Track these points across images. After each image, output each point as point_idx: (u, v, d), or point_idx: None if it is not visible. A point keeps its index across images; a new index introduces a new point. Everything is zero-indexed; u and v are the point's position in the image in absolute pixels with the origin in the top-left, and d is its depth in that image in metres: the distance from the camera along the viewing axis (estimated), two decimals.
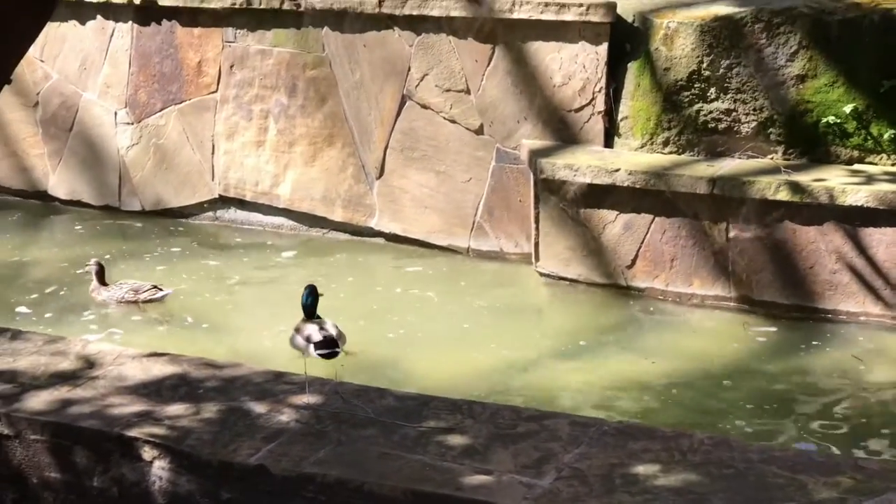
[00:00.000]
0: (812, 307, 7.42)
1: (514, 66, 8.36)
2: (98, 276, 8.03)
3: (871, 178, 7.34)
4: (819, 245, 7.35)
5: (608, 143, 8.18)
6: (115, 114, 9.74)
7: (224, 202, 9.54)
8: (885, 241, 7.21)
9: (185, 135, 9.54)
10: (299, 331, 6.95)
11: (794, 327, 7.32)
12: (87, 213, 9.87)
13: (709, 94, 7.84)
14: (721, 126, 7.85)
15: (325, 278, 8.36)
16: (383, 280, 8.34)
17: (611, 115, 8.16)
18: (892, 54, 7.52)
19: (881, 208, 7.14)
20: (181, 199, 9.64)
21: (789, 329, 7.32)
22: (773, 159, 7.73)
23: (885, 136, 7.56)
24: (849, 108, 7.57)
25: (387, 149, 8.86)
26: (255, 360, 6.90)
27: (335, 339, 6.82)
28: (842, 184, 7.26)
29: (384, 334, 7.43)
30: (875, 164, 7.59)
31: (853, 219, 7.24)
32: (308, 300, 6.98)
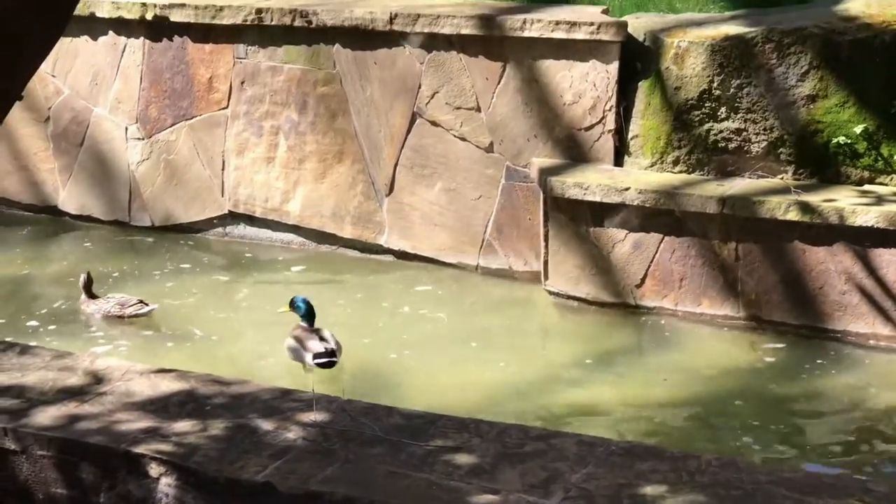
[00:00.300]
0: (821, 328, 7.40)
1: (524, 85, 8.37)
2: (86, 288, 8.04)
3: (881, 199, 7.33)
4: (829, 266, 7.34)
5: (618, 161, 8.17)
6: (126, 129, 9.76)
7: (234, 218, 9.54)
8: (894, 263, 7.19)
9: (196, 150, 9.55)
10: (298, 340, 7.02)
11: (804, 348, 7.30)
12: (96, 229, 9.88)
13: (719, 114, 7.83)
14: (731, 146, 7.85)
15: (334, 294, 8.37)
16: (392, 297, 8.34)
17: (621, 133, 8.16)
18: None
19: (891, 229, 7.12)
20: (191, 215, 9.65)
21: (798, 349, 7.29)
22: (783, 179, 7.72)
23: None
24: (859, 129, 7.56)
25: (397, 166, 8.87)
26: (262, 377, 6.91)
27: (334, 350, 6.92)
28: (852, 204, 7.24)
29: (392, 352, 7.42)
30: (885, 185, 7.57)
31: (863, 239, 7.23)
32: (305, 310, 7.09)
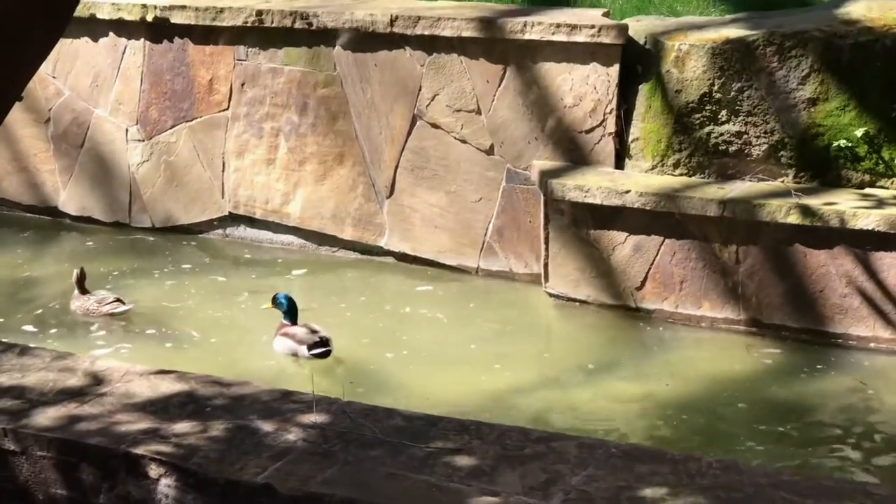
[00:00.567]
0: (822, 331, 7.40)
1: (525, 87, 8.36)
2: (79, 283, 8.06)
3: (881, 203, 7.33)
4: (829, 269, 7.33)
5: (619, 164, 8.17)
6: (127, 130, 9.76)
7: (234, 219, 9.54)
8: (895, 266, 7.18)
9: (196, 152, 9.55)
10: (288, 335, 7.18)
11: (804, 351, 7.30)
12: (97, 230, 9.88)
13: (720, 117, 7.83)
14: (732, 149, 7.84)
15: (334, 297, 8.37)
16: (392, 299, 8.34)
17: (621, 136, 8.16)
18: None
19: (892, 233, 7.12)
20: (191, 216, 9.65)
21: (799, 352, 7.29)
22: (783, 182, 7.72)
23: None
24: (860, 132, 7.56)
25: (397, 168, 8.87)
26: (262, 378, 6.91)
27: (327, 339, 7.20)
28: (852, 208, 7.24)
29: (392, 353, 7.42)
30: (886, 189, 7.57)
31: (864, 243, 7.22)
32: (287, 307, 7.40)
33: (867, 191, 7.55)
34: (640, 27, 8.24)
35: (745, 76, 7.74)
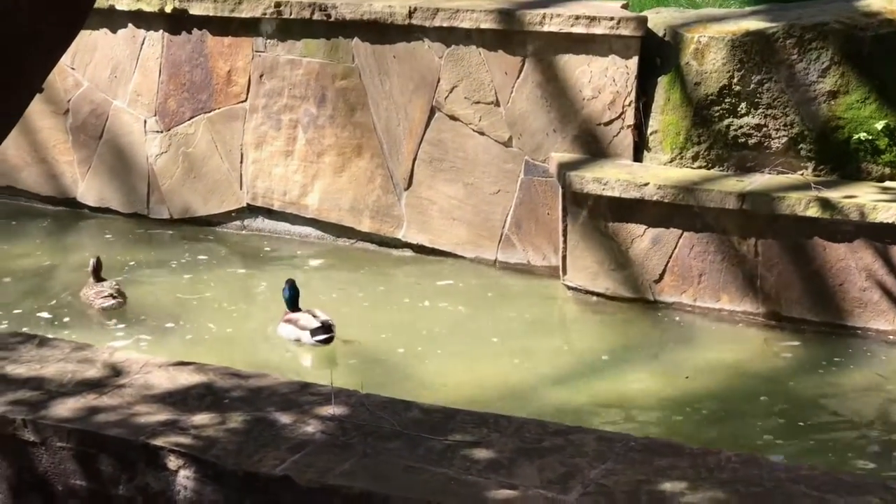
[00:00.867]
0: (841, 324, 7.37)
1: (543, 79, 8.35)
2: (95, 273, 8.06)
3: None
4: (849, 262, 7.31)
5: (637, 157, 8.15)
6: (145, 122, 9.77)
7: (252, 211, 9.55)
8: None
9: (214, 143, 9.56)
10: (291, 321, 7.24)
11: (823, 344, 7.27)
12: (115, 221, 9.89)
13: (739, 109, 7.80)
14: (751, 141, 7.82)
15: (353, 288, 8.37)
16: (411, 291, 8.33)
17: (640, 128, 8.13)
18: None
19: None
20: (209, 208, 9.66)
21: (818, 346, 7.27)
22: (803, 175, 7.69)
23: None
24: (881, 125, 7.53)
25: (415, 160, 8.86)
26: (279, 370, 6.92)
27: (330, 325, 7.24)
28: (873, 201, 7.21)
29: (411, 345, 7.42)
30: None
31: (884, 236, 7.19)
32: (288, 294, 7.44)
33: (887, 184, 7.52)
34: (659, 19, 8.22)
35: (764, 68, 7.71)
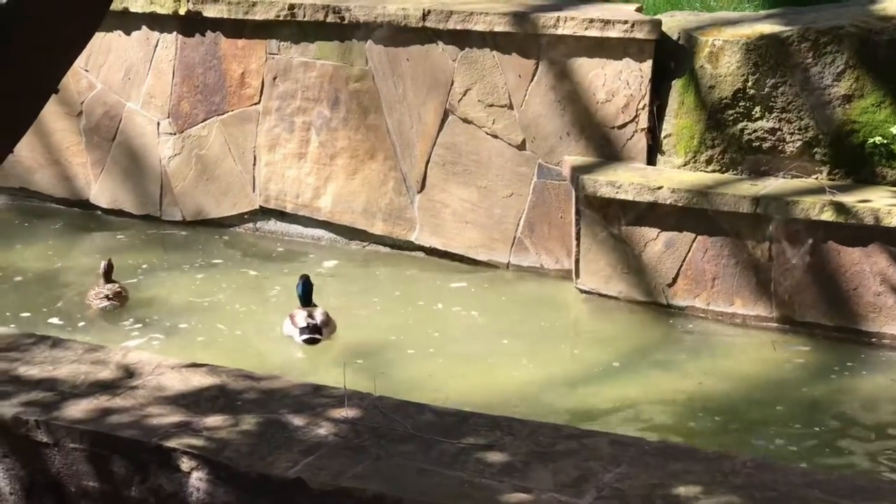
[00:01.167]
0: (855, 329, 7.34)
1: (557, 82, 8.34)
2: (105, 275, 8.06)
3: None
4: (863, 267, 7.28)
5: (651, 160, 8.13)
6: (158, 124, 9.78)
7: (264, 213, 9.55)
8: None
9: (227, 146, 9.56)
10: (291, 318, 7.49)
11: (837, 349, 7.25)
12: (128, 223, 9.90)
13: (753, 113, 7.78)
14: (765, 145, 7.80)
15: (367, 291, 8.35)
16: (424, 294, 8.32)
17: (654, 132, 8.12)
18: None
19: None
20: (222, 210, 9.66)
21: (832, 351, 7.24)
22: (817, 179, 7.66)
23: None
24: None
25: (428, 163, 8.85)
26: (293, 372, 6.92)
27: (318, 326, 7.33)
28: (887, 205, 7.17)
29: (424, 348, 7.41)
30: None
31: None
32: (301, 290, 7.53)
33: None
34: (673, 23, 8.20)
35: (779, 72, 7.69)
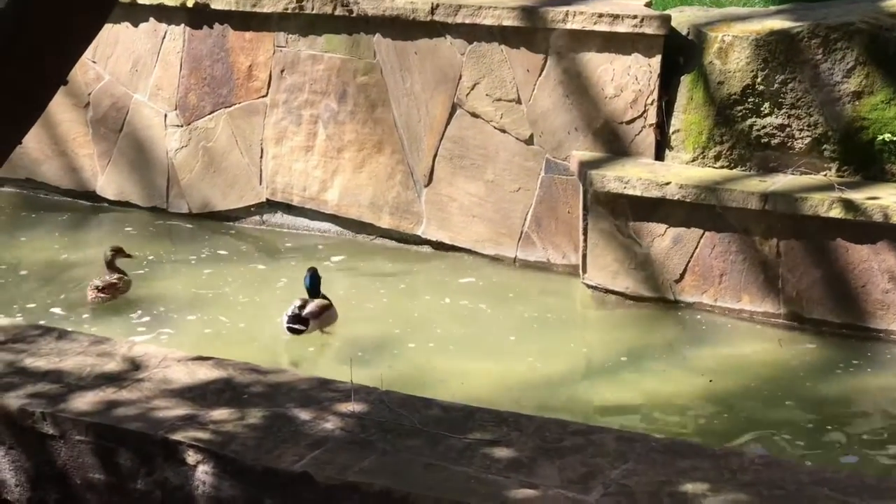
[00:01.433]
0: (863, 326, 7.32)
1: (565, 77, 8.31)
2: (108, 264, 8.06)
3: None
4: (871, 264, 7.26)
5: (659, 156, 8.11)
6: (165, 116, 9.76)
7: (271, 206, 9.53)
8: None
9: (234, 138, 9.55)
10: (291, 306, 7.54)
11: (845, 346, 7.23)
12: (134, 214, 9.89)
13: (762, 109, 7.76)
14: (774, 141, 7.77)
15: (375, 284, 8.34)
16: (431, 288, 8.31)
17: (662, 128, 8.09)
18: None
19: None
20: (228, 203, 9.65)
21: (840, 348, 7.22)
22: (826, 176, 7.64)
23: None
24: None
25: (436, 157, 8.83)
26: (299, 366, 6.92)
27: (301, 317, 7.32)
28: None
29: (431, 342, 7.40)
30: None
31: None
32: (308, 282, 7.56)
33: None
34: (682, 18, 8.18)
35: (788, 68, 7.67)
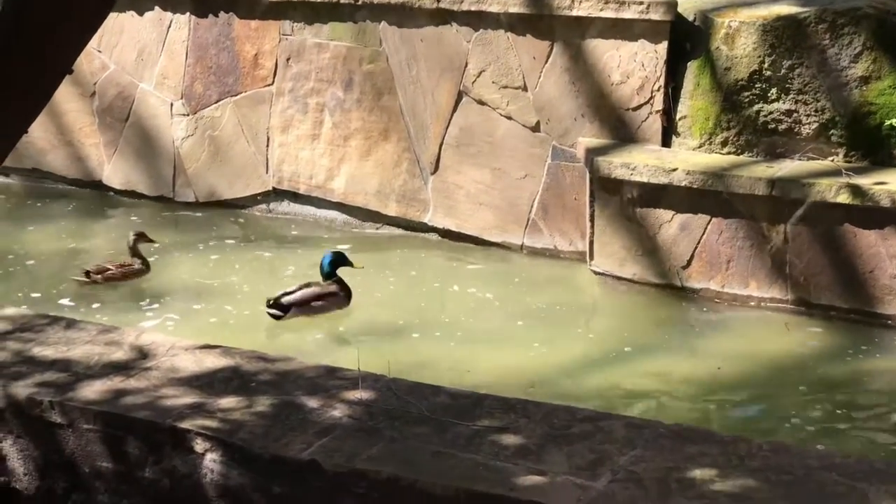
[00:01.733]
0: (871, 312, 7.30)
1: (572, 64, 8.30)
2: (131, 248, 8.11)
3: None
4: (879, 249, 7.24)
5: (666, 142, 8.10)
6: (171, 105, 9.76)
7: (277, 195, 9.54)
8: None
9: (241, 127, 9.54)
10: None
11: (853, 332, 7.21)
12: (140, 204, 9.91)
13: (769, 95, 7.74)
14: (781, 127, 7.75)
15: (383, 272, 8.33)
16: (439, 276, 8.30)
17: (669, 114, 8.08)
18: None
19: None
20: (235, 191, 9.65)
21: (847, 333, 7.20)
22: (833, 161, 7.62)
23: None
24: None
25: (442, 144, 8.83)
26: (307, 353, 6.91)
27: (279, 301, 7.43)
28: None
29: (439, 330, 7.40)
30: None
31: None
32: (324, 263, 7.67)
33: None
34: (689, 4, 8.15)
35: (795, 54, 7.65)
